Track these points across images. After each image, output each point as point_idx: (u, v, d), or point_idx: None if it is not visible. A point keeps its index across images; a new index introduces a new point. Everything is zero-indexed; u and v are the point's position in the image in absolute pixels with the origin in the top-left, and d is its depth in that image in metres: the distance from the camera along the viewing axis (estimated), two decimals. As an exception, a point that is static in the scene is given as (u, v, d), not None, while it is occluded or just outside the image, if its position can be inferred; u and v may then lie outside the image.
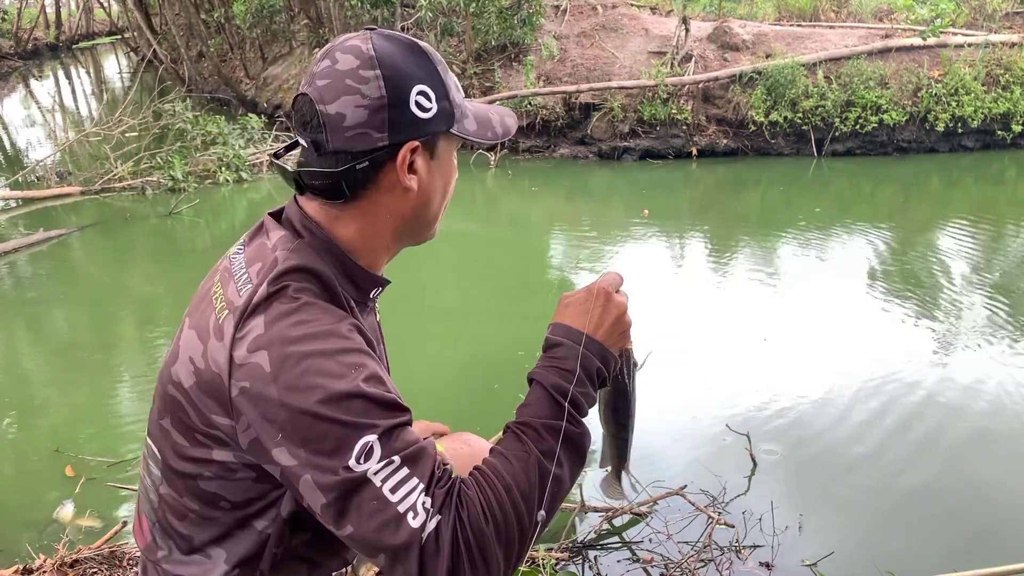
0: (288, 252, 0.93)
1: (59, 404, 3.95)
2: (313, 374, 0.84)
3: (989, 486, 3.12)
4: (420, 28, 10.75)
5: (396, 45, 0.94)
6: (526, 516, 0.86)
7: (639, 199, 7.94)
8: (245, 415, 0.87)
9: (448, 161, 1.02)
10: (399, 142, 0.93)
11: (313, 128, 0.93)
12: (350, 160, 0.92)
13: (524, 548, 0.87)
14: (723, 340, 4.48)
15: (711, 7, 11.75)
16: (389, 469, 0.83)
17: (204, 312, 0.96)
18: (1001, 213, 7.23)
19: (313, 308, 0.89)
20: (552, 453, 0.90)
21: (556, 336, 0.99)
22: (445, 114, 0.96)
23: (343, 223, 0.97)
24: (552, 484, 0.89)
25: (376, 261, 1.02)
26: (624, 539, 2.79)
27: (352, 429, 0.83)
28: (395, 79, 0.92)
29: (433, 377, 4.08)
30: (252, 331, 0.87)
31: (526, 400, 0.96)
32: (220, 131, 8.48)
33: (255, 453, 0.89)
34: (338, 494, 0.82)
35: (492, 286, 5.52)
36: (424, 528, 0.82)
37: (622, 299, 1.03)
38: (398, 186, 0.96)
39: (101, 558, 2.44)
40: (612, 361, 1.01)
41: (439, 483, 0.85)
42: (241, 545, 0.98)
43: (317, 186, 0.95)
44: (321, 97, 0.91)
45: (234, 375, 0.87)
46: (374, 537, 0.82)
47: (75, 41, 24.98)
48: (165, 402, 0.97)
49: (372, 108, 0.91)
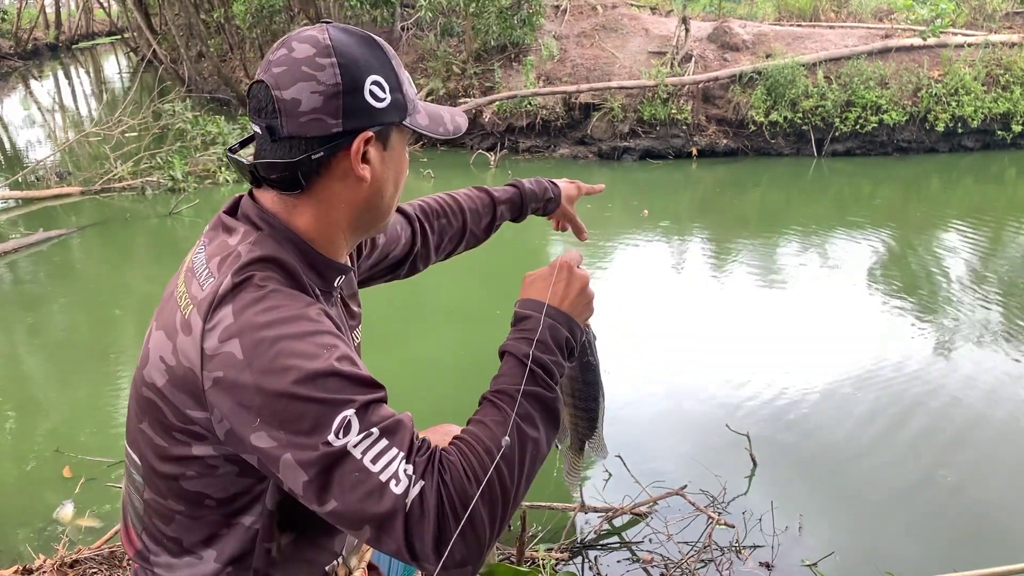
0: (250, 245, 0.94)
1: (59, 404, 3.95)
2: (286, 356, 0.85)
3: (989, 487, 3.12)
4: (420, 28, 10.75)
5: (351, 36, 0.96)
6: (508, 478, 0.87)
7: (639, 199, 7.95)
8: (218, 406, 0.87)
9: (400, 153, 1.04)
10: (352, 129, 0.95)
11: (268, 114, 0.94)
12: (304, 147, 0.94)
13: (508, 511, 0.88)
14: (723, 340, 4.49)
15: (711, 7, 11.75)
16: (368, 441, 0.83)
17: (170, 312, 0.96)
18: (1001, 213, 7.24)
19: (279, 295, 0.91)
20: (529, 417, 0.92)
21: (524, 310, 1.02)
22: (398, 105, 0.98)
23: (299, 213, 0.99)
24: (531, 447, 0.91)
25: (335, 250, 1.04)
26: (624, 539, 2.79)
27: (329, 406, 0.83)
28: (350, 67, 0.94)
29: (433, 377, 4.08)
30: (221, 321, 0.88)
31: (499, 372, 0.98)
32: (220, 131, 8.48)
33: (232, 443, 0.89)
34: (319, 469, 0.83)
35: (492, 286, 5.52)
36: (408, 494, 0.82)
37: (584, 272, 1.07)
38: (351, 175, 0.97)
39: (101, 558, 2.44)
40: (578, 331, 1.04)
41: (419, 451, 0.86)
42: (230, 543, 0.99)
43: (274, 178, 0.97)
44: (277, 83, 0.93)
45: (206, 366, 0.87)
46: (358, 508, 0.82)
47: (75, 41, 24.98)
48: (141, 406, 0.97)
49: (327, 94, 0.92)
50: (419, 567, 0.84)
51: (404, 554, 0.83)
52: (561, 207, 1.63)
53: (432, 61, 10.27)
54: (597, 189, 1.74)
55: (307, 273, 0.98)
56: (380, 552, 0.88)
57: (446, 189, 1.51)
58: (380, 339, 4.15)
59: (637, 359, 4.28)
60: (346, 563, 1.13)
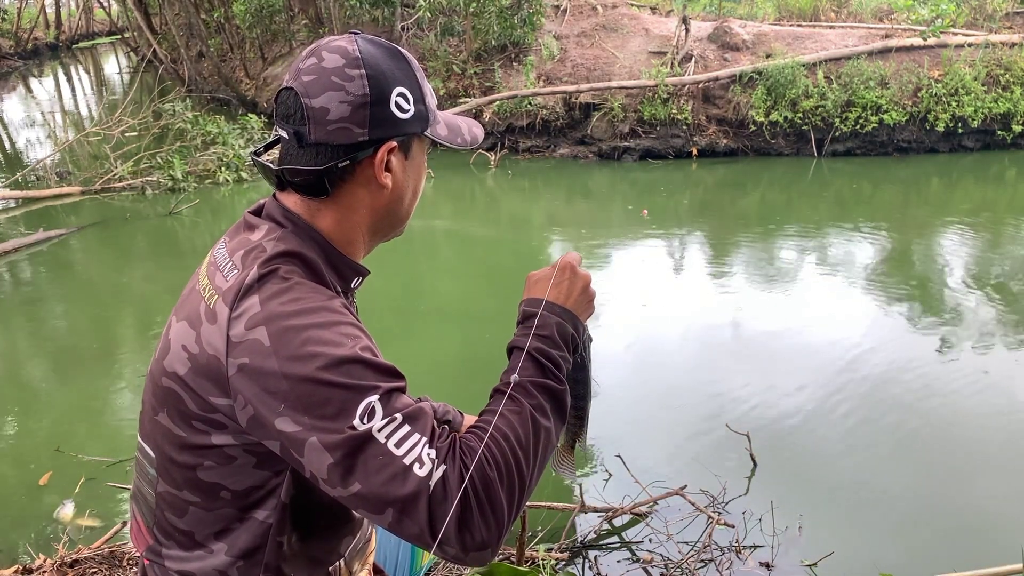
0: (275, 240, 0.98)
1: (59, 404, 3.95)
2: (312, 343, 0.87)
3: (989, 487, 3.12)
4: (420, 28, 10.75)
5: (379, 49, 1.00)
6: (524, 465, 0.90)
7: (639, 199, 7.94)
8: (243, 392, 0.89)
9: (420, 162, 1.07)
10: (378, 138, 0.98)
11: (296, 120, 0.97)
12: (331, 155, 0.97)
13: (524, 496, 0.91)
14: (723, 340, 4.49)
15: (711, 7, 11.75)
16: (392, 426, 0.86)
17: (193, 303, 0.99)
18: (1001, 213, 7.24)
19: (304, 287, 0.94)
20: (541, 407, 0.95)
21: (530, 308, 1.05)
22: (421, 117, 1.02)
23: (322, 215, 1.02)
24: (544, 436, 0.94)
25: (354, 252, 1.07)
26: (624, 539, 2.79)
27: (354, 392, 0.86)
28: (378, 79, 0.97)
29: (433, 377, 4.08)
30: (248, 310, 0.90)
31: (509, 366, 1.00)
32: (220, 131, 8.48)
33: (255, 429, 0.91)
34: (345, 452, 0.84)
35: (492, 286, 5.52)
36: (431, 476, 0.84)
37: (586, 272, 1.10)
38: (374, 182, 1.01)
39: (101, 558, 2.44)
40: (582, 328, 1.07)
41: (440, 438, 0.89)
42: (243, 537, 1.00)
43: (299, 182, 1.00)
44: (307, 91, 0.96)
45: (232, 353, 0.89)
46: (382, 491, 0.84)
47: (75, 41, 25.00)
48: (159, 397, 0.99)
49: (355, 104, 0.96)
50: (440, 551, 0.86)
51: (426, 537, 0.84)
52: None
53: (432, 61, 10.27)
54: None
55: (328, 270, 1.02)
56: (400, 538, 0.90)
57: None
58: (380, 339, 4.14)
59: (637, 359, 4.28)
60: (348, 566, 1.13)
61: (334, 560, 1.11)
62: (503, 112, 9.51)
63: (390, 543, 1.51)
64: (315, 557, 1.08)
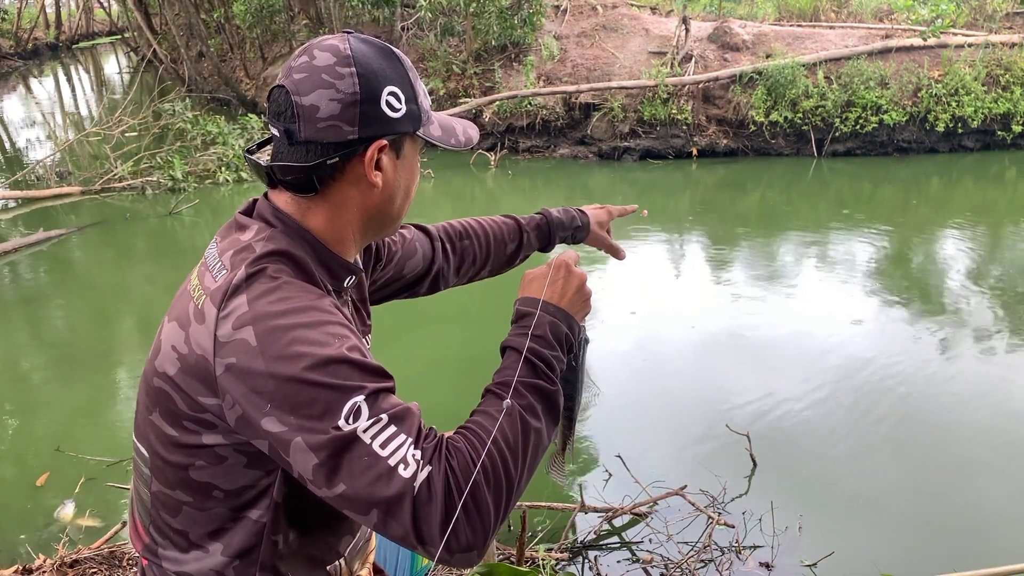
0: (264, 240, 0.98)
1: (59, 404, 3.95)
2: (299, 343, 0.87)
3: (990, 487, 3.12)
4: (420, 28, 10.75)
5: (371, 47, 1.00)
6: (512, 466, 0.90)
7: (639, 199, 7.95)
8: (230, 392, 0.89)
9: (412, 162, 1.07)
10: (368, 136, 0.98)
11: (287, 118, 0.97)
12: (320, 152, 0.97)
13: (512, 498, 0.90)
14: (723, 340, 4.49)
15: (711, 7, 11.75)
16: (378, 427, 0.85)
17: (183, 304, 0.99)
18: (1001, 214, 7.24)
19: (292, 287, 0.94)
20: (532, 408, 0.95)
21: (525, 307, 1.05)
22: (413, 116, 1.02)
23: (312, 214, 1.02)
24: (533, 437, 0.94)
25: (346, 251, 1.07)
26: (624, 539, 2.79)
27: (340, 392, 0.86)
28: (369, 77, 0.97)
29: (433, 378, 4.08)
30: (235, 310, 0.90)
31: (502, 365, 1.00)
32: (220, 131, 8.48)
33: (243, 428, 0.91)
34: (329, 452, 0.84)
35: (492, 287, 5.51)
36: (416, 478, 0.84)
37: (582, 271, 1.09)
38: (364, 181, 1.01)
39: (101, 558, 2.44)
40: (576, 328, 1.07)
41: (426, 438, 0.88)
42: (237, 537, 1.00)
43: (289, 180, 1.00)
44: (297, 89, 0.96)
45: (219, 353, 0.89)
46: (367, 492, 0.84)
47: (75, 41, 24.99)
48: (151, 397, 0.99)
49: (345, 103, 0.96)
50: (424, 552, 0.85)
51: (411, 538, 0.84)
52: (592, 234, 1.65)
53: (432, 61, 10.27)
54: (629, 210, 1.74)
55: (318, 269, 1.01)
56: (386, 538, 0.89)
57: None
58: (379, 339, 4.15)
59: (637, 359, 4.28)
60: (348, 565, 1.13)
61: (333, 559, 1.11)
62: (503, 112, 9.51)
63: (390, 543, 1.50)
64: (313, 556, 1.07)
